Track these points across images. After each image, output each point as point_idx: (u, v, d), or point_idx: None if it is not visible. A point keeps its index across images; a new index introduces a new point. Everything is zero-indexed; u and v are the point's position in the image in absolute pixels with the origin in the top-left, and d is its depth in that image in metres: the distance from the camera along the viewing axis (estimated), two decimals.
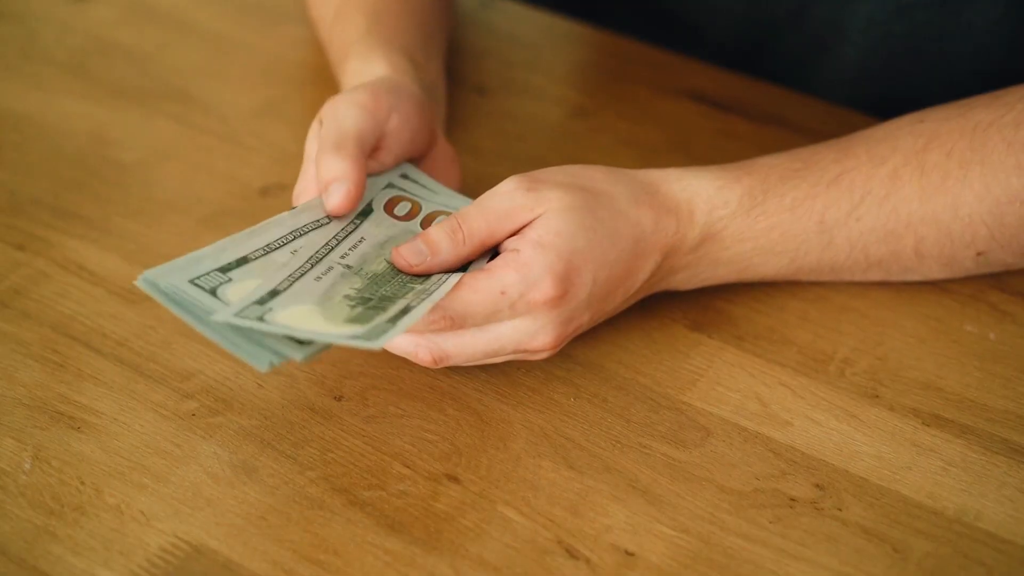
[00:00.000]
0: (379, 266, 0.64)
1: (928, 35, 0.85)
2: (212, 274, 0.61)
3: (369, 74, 0.75)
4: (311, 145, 0.70)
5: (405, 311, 0.59)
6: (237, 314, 0.58)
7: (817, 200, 0.69)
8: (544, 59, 0.95)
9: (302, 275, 0.62)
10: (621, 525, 0.61)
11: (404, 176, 0.71)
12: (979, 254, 0.70)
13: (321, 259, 0.64)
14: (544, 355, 0.65)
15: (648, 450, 0.65)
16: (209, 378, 0.68)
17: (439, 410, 0.66)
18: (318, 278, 0.62)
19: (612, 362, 0.69)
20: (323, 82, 0.87)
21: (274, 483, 0.63)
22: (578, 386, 0.68)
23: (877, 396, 0.68)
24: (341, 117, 0.68)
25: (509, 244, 0.64)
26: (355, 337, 0.57)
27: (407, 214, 0.68)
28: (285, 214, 0.66)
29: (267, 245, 0.64)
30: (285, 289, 0.61)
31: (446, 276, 0.64)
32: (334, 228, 0.66)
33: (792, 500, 0.63)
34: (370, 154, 0.69)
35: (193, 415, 0.66)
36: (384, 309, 0.60)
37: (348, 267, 0.64)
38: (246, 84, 0.91)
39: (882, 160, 0.69)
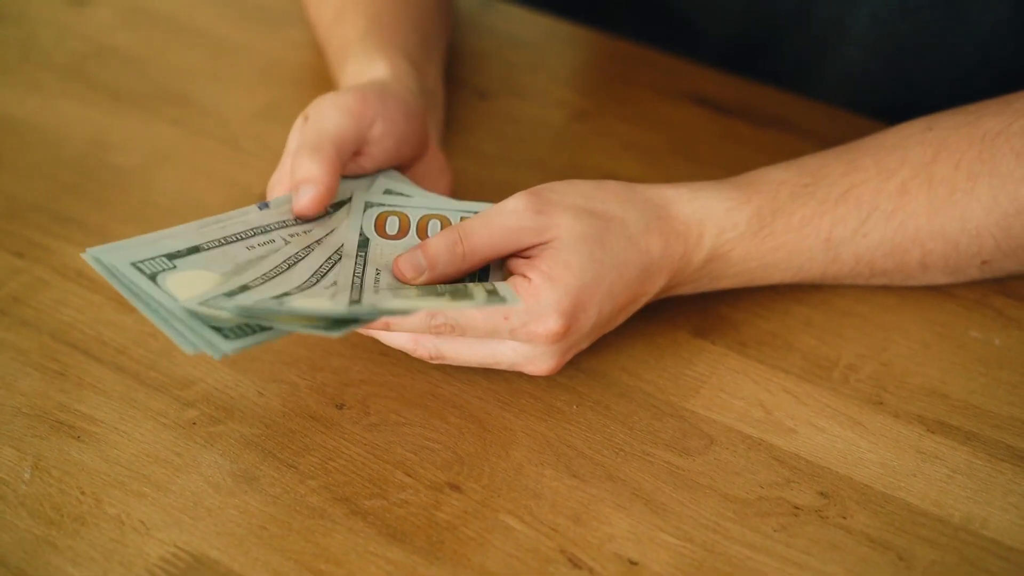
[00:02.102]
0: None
1: (932, 35, 0.84)
2: (159, 259, 0.61)
3: (369, 75, 0.74)
4: (293, 138, 0.69)
5: (493, 291, 0.61)
6: (344, 315, 0.58)
7: (824, 218, 0.68)
8: (545, 62, 0.94)
9: (360, 296, 0.62)
10: (624, 534, 0.61)
11: (387, 192, 0.69)
12: (984, 263, 0.70)
13: (363, 289, 0.63)
14: (541, 375, 0.66)
15: (651, 458, 0.65)
16: (209, 386, 0.67)
17: (441, 418, 0.66)
18: (377, 292, 0.63)
19: (615, 369, 0.69)
20: (323, 85, 0.87)
21: (275, 492, 0.62)
22: (580, 393, 0.68)
23: (881, 403, 0.68)
24: (324, 119, 0.67)
25: (517, 267, 0.64)
26: (476, 305, 0.59)
27: (399, 231, 0.67)
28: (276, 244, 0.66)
29: (267, 272, 0.64)
30: (359, 299, 0.62)
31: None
32: (348, 265, 0.65)
33: (796, 508, 0.62)
34: (350, 158, 0.68)
35: (194, 424, 0.65)
36: (470, 294, 0.61)
37: (394, 289, 0.64)
38: (246, 87, 0.90)
39: (891, 173, 0.68)
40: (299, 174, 0.66)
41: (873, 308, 0.73)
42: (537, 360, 0.64)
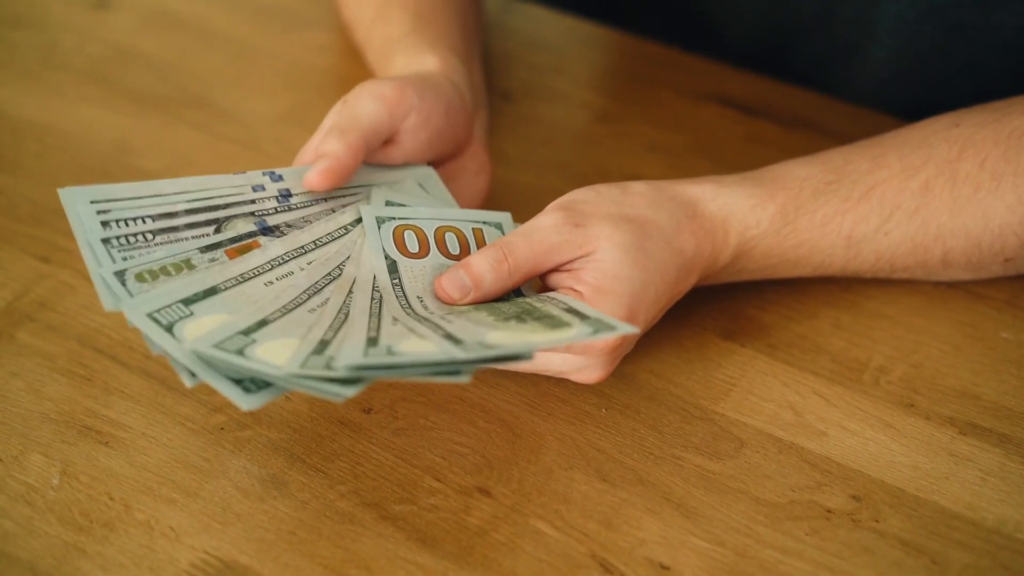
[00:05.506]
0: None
1: (958, 36, 0.84)
2: (175, 307, 0.60)
3: (418, 68, 0.74)
4: (327, 120, 0.69)
5: (571, 310, 0.60)
6: (469, 359, 0.55)
7: (847, 216, 0.68)
8: (568, 63, 0.94)
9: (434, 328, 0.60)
10: (655, 538, 0.61)
11: (388, 203, 0.68)
12: (1007, 260, 0.70)
13: (423, 317, 0.61)
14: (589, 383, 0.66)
15: (681, 462, 0.64)
16: None
17: (469, 422, 0.66)
18: (449, 320, 0.60)
19: (643, 372, 0.69)
20: (346, 88, 0.86)
21: (304, 497, 0.62)
22: (609, 397, 0.67)
23: (912, 405, 0.67)
24: (359, 105, 0.68)
25: (561, 281, 0.64)
26: (589, 335, 0.57)
27: (419, 248, 0.66)
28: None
29: (286, 304, 0.62)
30: (454, 329, 0.59)
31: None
32: (392, 301, 0.63)
33: (828, 511, 0.62)
34: (380, 147, 0.69)
35: (222, 429, 0.65)
36: (548, 313, 0.60)
37: (455, 314, 0.61)
38: (267, 91, 0.90)
39: (915, 171, 0.68)
40: (321, 148, 0.66)
41: (902, 310, 0.72)
42: (586, 370, 0.64)
